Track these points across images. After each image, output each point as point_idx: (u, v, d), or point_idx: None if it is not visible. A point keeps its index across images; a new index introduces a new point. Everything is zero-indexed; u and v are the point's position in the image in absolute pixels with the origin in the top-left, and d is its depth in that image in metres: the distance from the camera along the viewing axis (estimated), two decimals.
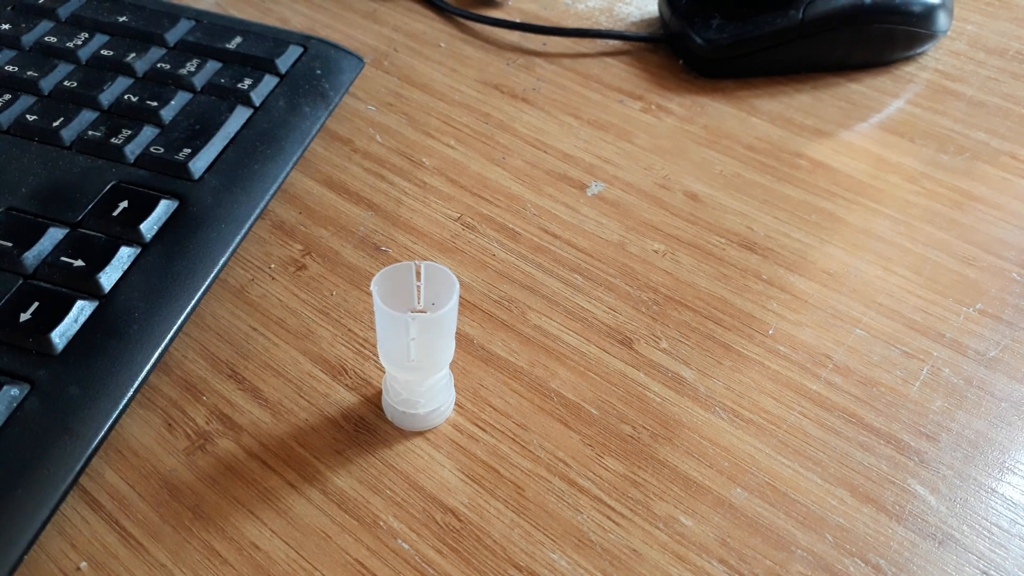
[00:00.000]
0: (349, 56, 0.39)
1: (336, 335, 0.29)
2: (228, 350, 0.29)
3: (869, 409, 0.27)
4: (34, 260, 0.28)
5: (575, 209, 0.34)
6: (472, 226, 0.33)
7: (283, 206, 0.34)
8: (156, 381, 0.28)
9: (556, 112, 0.39)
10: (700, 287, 0.31)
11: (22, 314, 0.26)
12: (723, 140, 0.37)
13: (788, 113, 0.39)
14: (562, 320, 0.30)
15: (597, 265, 0.32)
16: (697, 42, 0.40)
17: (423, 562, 0.24)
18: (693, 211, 0.34)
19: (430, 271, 0.24)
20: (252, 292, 0.31)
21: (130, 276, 0.28)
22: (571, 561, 0.24)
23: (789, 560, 0.24)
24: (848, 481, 0.25)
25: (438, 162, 0.36)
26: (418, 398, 0.25)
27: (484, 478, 0.25)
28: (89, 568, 0.23)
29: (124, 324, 0.27)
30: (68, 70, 0.35)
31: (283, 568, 0.23)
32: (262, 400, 0.27)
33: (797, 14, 0.39)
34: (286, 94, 0.36)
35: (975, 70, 0.42)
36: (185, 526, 0.24)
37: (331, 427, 0.27)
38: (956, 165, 0.37)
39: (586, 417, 0.27)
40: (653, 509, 0.25)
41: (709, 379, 0.28)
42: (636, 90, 0.40)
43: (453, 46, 0.42)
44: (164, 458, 0.26)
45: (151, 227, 0.30)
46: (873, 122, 0.39)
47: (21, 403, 0.25)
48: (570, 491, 0.25)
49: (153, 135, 0.33)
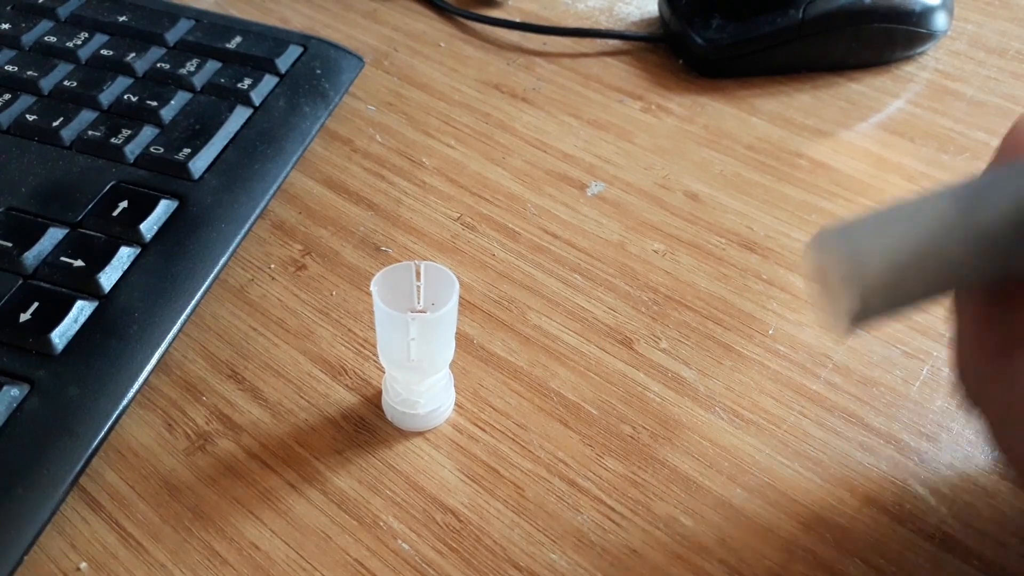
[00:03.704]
0: (349, 56, 0.39)
1: (336, 335, 0.29)
2: (228, 350, 0.29)
3: (869, 409, 0.27)
4: (34, 260, 0.28)
5: (575, 209, 0.34)
6: (472, 226, 0.33)
7: (283, 206, 0.34)
8: (156, 381, 0.28)
9: (556, 112, 0.39)
10: (700, 287, 0.31)
11: (22, 314, 0.26)
12: (723, 140, 0.37)
13: (788, 113, 0.39)
14: (562, 320, 0.30)
15: (597, 265, 0.32)
16: (697, 42, 0.40)
17: (423, 562, 0.24)
18: (693, 211, 0.34)
19: (430, 271, 0.24)
20: (252, 292, 0.31)
21: (130, 276, 0.28)
22: (571, 561, 0.24)
23: (789, 560, 0.24)
24: (848, 481, 0.25)
25: (438, 162, 0.36)
26: (418, 398, 0.25)
27: (484, 478, 0.25)
28: (89, 568, 0.23)
29: (124, 324, 0.27)
30: (68, 70, 0.35)
31: (283, 568, 0.23)
32: (262, 400, 0.27)
33: (797, 14, 0.39)
34: (286, 94, 0.36)
35: (975, 70, 0.42)
36: (185, 526, 0.24)
37: (331, 427, 0.27)
38: (956, 165, 0.37)
39: (586, 417, 0.27)
40: (653, 509, 0.25)
41: (709, 379, 0.28)
42: (636, 90, 0.40)
43: (453, 46, 0.42)
44: (164, 458, 0.26)
45: (151, 227, 0.30)
46: (873, 122, 0.39)
47: (21, 403, 0.25)
48: (570, 491, 0.25)
49: (153, 135, 0.33)
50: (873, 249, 0.17)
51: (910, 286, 0.17)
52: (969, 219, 0.17)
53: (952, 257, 0.17)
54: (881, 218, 0.17)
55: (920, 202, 0.17)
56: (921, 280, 0.17)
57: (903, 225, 0.17)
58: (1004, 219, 0.17)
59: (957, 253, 0.17)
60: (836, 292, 0.18)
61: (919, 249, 0.17)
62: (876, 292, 0.17)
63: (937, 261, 0.17)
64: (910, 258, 0.17)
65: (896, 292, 0.17)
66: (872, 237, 0.17)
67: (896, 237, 0.17)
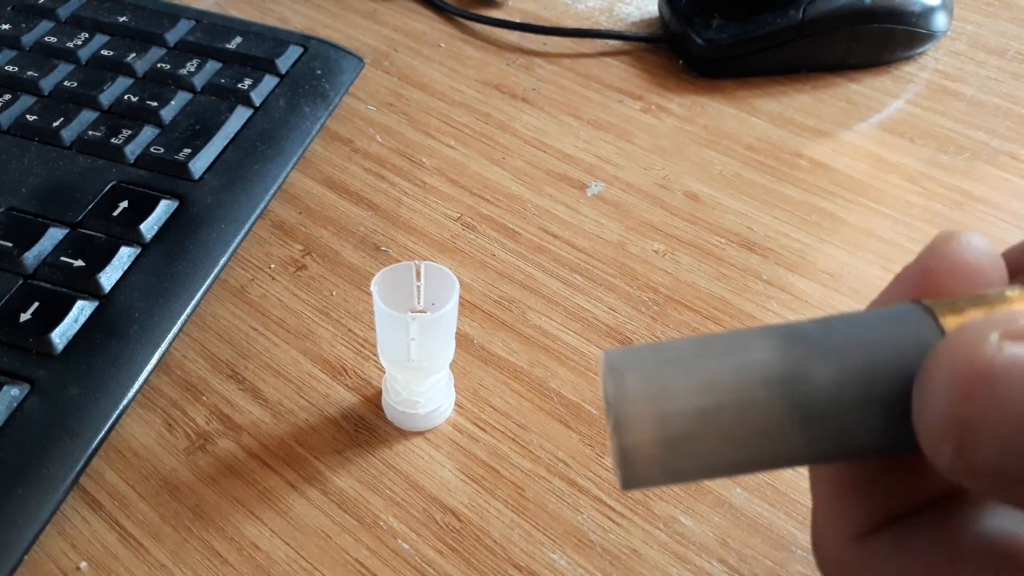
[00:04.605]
0: (349, 56, 0.39)
1: (336, 335, 0.29)
2: (228, 350, 0.29)
3: None
4: (34, 260, 0.28)
5: (575, 209, 0.34)
6: (472, 226, 0.33)
7: (283, 206, 0.34)
8: (156, 381, 0.28)
9: (556, 112, 0.39)
10: (700, 287, 0.31)
11: (22, 314, 0.26)
12: (723, 140, 0.37)
13: (788, 113, 0.39)
14: (562, 320, 0.30)
15: (597, 265, 0.32)
16: (697, 42, 0.40)
17: (423, 562, 0.24)
18: (693, 211, 0.34)
19: (430, 271, 0.24)
20: (252, 292, 0.31)
21: (130, 276, 0.28)
22: (571, 561, 0.24)
23: (789, 560, 0.24)
24: None
25: (438, 162, 0.36)
26: (418, 398, 0.25)
27: (484, 478, 0.25)
28: (89, 568, 0.23)
29: (124, 324, 0.27)
30: (68, 70, 0.35)
31: (283, 568, 0.23)
32: (262, 400, 0.27)
33: (797, 14, 0.39)
34: (286, 94, 0.36)
35: (975, 70, 0.42)
36: (185, 526, 0.24)
37: (331, 427, 0.27)
38: (956, 165, 0.37)
39: (586, 417, 0.27)
40: (653, 509, 0.25)
41: None
42: (636, 90, 0.40)
43: (453, 46, 0.42)
44: (164, 458, 0.26)
45: (151, 227, 0.30)
46: (873, 122, 0.39)
47: (21, 403, 0.25)
48: (570, 491, 0.25)
49: (153, 135, 0.33)
50: (651, 411, 0.13)
51: (702, 451, 0.13)
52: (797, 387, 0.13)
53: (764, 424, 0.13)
54: (679, 364, 0.13)
55: (735, 340, 0.13)
56: (717, 446, 0.13)
57: (704, 377, 0.13)
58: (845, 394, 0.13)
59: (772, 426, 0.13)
60: (610, 430, 0.13)
61: (717, 417, 0.13)
62: (646, 465, 0.13)
63: (742, 424, 0.13)
64: (701, 427, 0.13)
65: (677, 468, 0.13)
66: (656, 395, 0.13)
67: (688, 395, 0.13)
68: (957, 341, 0.12)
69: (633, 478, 0.13)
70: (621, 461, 0.13)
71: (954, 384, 0.12)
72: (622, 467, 0.13)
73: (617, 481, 0.14)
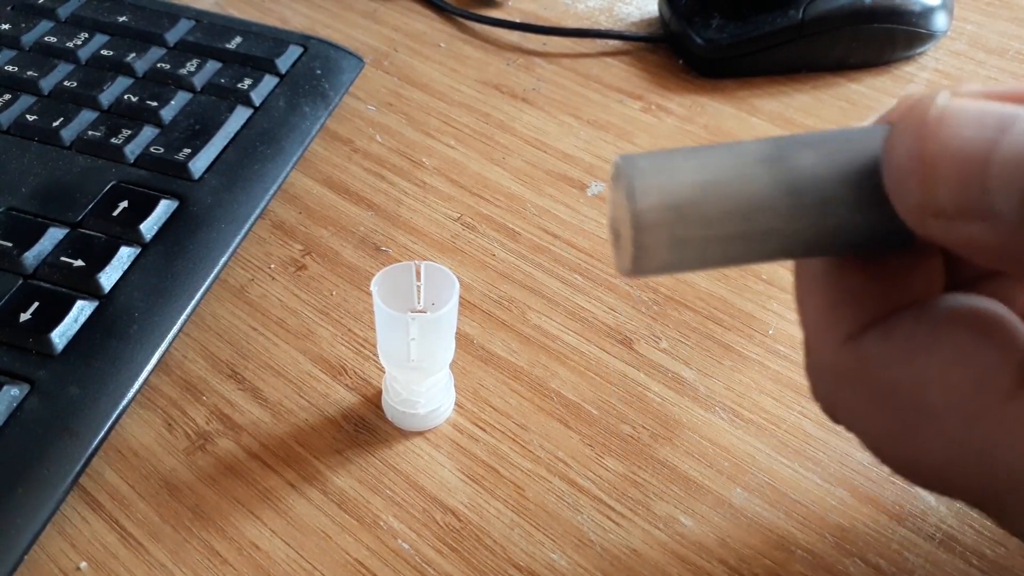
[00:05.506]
0: (349, 56, 0.39)
1: (336, 335, 0.29)
2: (228, 350, 0.29)
3: None
4: (34, 260, 0.28)
5: (575, 209, 0.34)
6: (472, 226, 0.33)
7: (283, 206, 0.34)
8: (156, 381, 0.28)
9: (556, 112, 0.39)
10: (700, 287, 0.31)
11: (22, 314, 0.26)
12: (723, 140, 0.37)
13: (788, 113, 0.39)
14: (562, 320, 0.30)
15: (597, 265, 0.32)
16: (697, 42, 0.40)
17: (423, 562, 0.24)
18: None
19: (430, 271, 0.24)
20: (252, 292, 0.31)
21: (130, 276, 0.28)
22: (571, 561, 0.24)
23: (789, 560, 0.24)
24: (848, 481, 0.25)
25: (438, 162, 0.36)
26: (418, 398, 0.25)
27: (484, 478, 0.25)
28: (89, 568, 0.23)
29: (124, 324, 0.27)
30: (68, 70, 0.35)
31: (283, 568, 0.23)
32: (262, 400, 0.27)
33: (797, 14, 0.39)
34: (286, 94, 0.36)
35: (975, 70, 0.42)
36: (185, 526, 0.24)
37: (331, 427, 0.27)
38: None
39: (586, 417, 0.27)
40: (653, 509, 0.25)
41: (709, 379, 0.28)
42: (636, 90, 0.40)
43: (453, 46, 0.42)
44: (164, 458, 0.26)
45: (151, 227, 0.30)
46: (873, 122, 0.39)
47: (21, 403, 0.25)
48: (570, 491, 0.25)
49: (153, 135, 0.33)
50: (659, 182, 0.14)
51: (701, 231, 0.15)
52: (785, 164, 0.15)
53: (759, 194, 0.15)
54: (684, 153, 0.15)
55: (733, 143, 0.15)
56: (718, 216, 0.15)
57: (705, 160, 0.15)
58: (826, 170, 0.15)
59: (763, 198, 0.15)
60: (619, 228, 0.15)
61: (716, 188, 0.15)
62: (655, 231, 0.14)
63: (740, 195, 0.15)
64: (703, 196, 0.14)
65: (683, 236, 0.15)
66: (664, 170, 0.15)
67: (691, 172, 0.15)
68: (918, 101, 0.15)
69: (642, 250, 0.15)
70: (632, 230, 0.15)
71: (915, 126, 0.14)
72: (634, 237, 0.15)
73: (623, 266, 0.15)
